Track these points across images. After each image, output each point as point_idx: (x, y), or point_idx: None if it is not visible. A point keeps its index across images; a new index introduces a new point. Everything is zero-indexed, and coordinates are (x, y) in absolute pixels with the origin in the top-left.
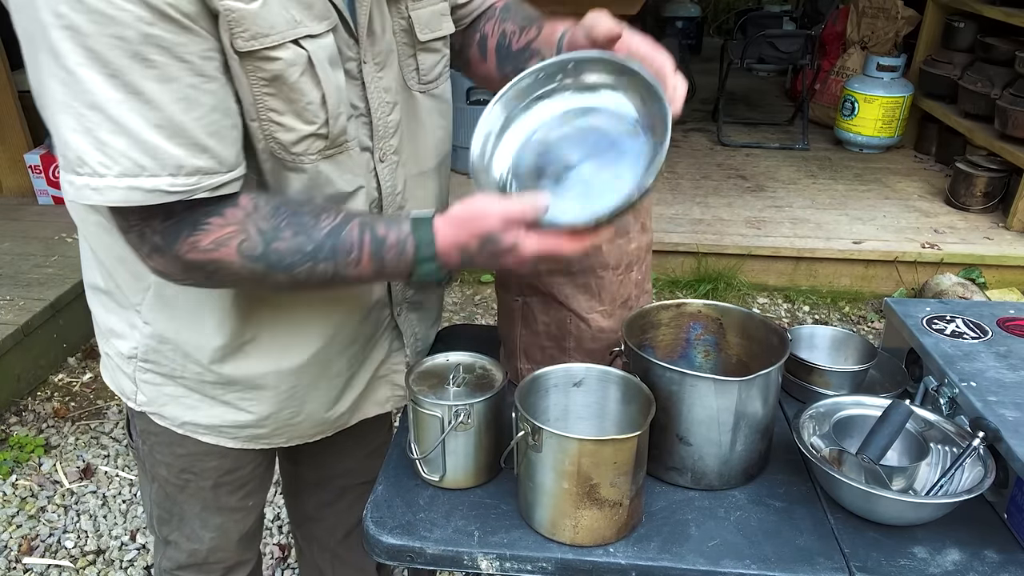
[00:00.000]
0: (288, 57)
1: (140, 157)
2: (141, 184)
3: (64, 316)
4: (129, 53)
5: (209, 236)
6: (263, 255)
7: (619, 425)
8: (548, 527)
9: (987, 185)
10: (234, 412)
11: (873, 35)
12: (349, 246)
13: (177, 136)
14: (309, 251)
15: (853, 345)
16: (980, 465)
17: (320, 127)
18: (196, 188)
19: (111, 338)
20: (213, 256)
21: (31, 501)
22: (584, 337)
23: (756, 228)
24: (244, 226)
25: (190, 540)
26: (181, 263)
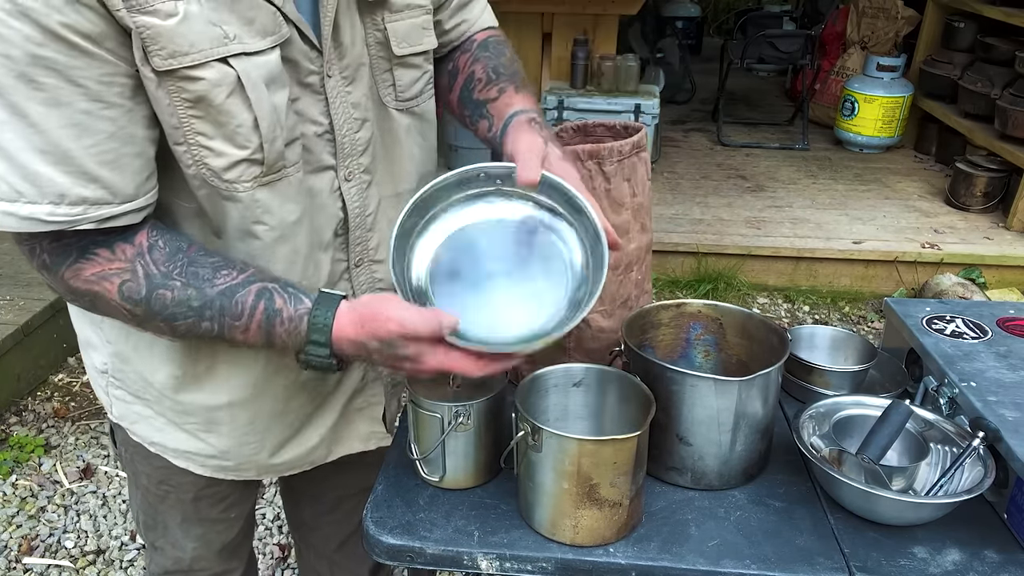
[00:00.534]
0: (212, 77)
1: (18, 182)
2: (16, 211)
3: (64, 316)
4: (14, 73)
5: (93, 268)
6: (144, 299)
7: (619, 425)
8: (548, 527)
9: (987, 185)
10: (197, 442)
11: (873, 35)
12: (240, 311)
13: (63, 163)
14: (195, 307)
15: (853, 345)
16: (980, 465)
17: (254, 152)
18: (79, 219)
19: (87, 349)
20: (93, 288)
21: (31, 501)
22: (584, 337)
23: (756, 228)
24: (132, 266)
25: (174, 547)
26: (64, 286)
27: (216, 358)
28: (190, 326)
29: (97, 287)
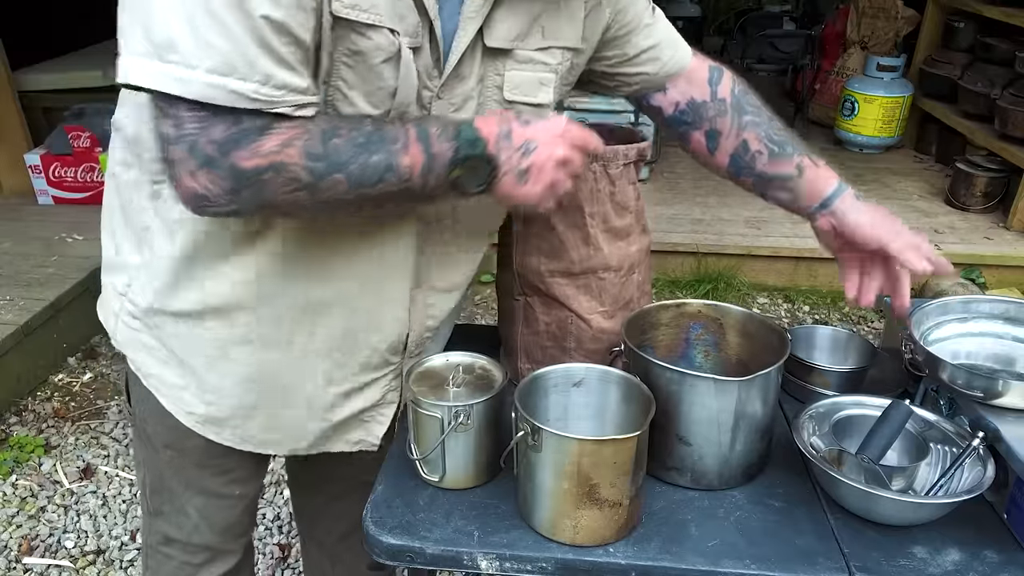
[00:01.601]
0: (379, 41)
1: (234, 58)
2: (227, 84)
3: (64, 316)
4: None
5: (275, 139)
6: (323, 153)
7: (619, 425)
8: (548, 527)
9: (987, 185)
10: (192, 378)
11: (873, 35)
12: (395, 135)
13: (270, 51)
14: (361, 143)
15: (853, 345)
16: (980, 465)
17: (381, 115)
18: (279, 100)
19: (111, 271)
20: (275, 159)
21: (31, 501)
22: (585, 337)
23: (756, 228)
24: (307, 127)
25: (179, 513)
26: (234, 175)
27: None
28: (362, 165)
29: (280, 156)
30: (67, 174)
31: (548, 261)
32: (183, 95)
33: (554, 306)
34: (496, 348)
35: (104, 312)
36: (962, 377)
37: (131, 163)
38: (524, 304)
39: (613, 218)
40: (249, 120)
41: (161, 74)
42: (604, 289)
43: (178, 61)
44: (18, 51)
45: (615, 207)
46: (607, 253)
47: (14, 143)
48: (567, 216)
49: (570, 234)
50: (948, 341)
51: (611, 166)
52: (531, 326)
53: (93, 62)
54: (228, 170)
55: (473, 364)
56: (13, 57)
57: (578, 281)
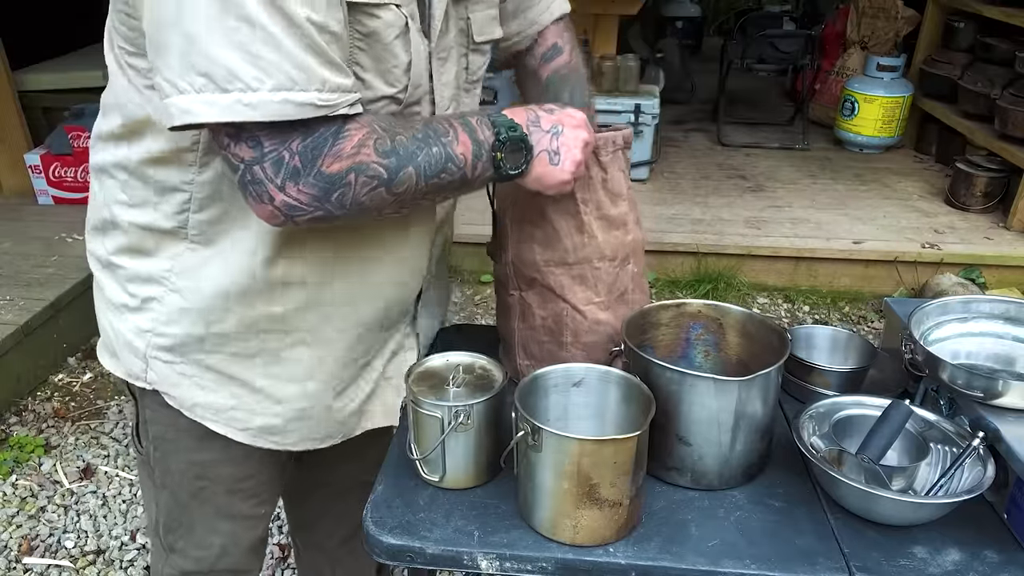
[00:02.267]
0: (388, 18)
1: (292, 70)
2: (294, 97)
3: (64, 316)
4: None
5: (350, 142)
6: (393, 149)
7: (619, 425)
8: (548, 527)
9: (987, 185)
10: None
11: (873, 35)
12: (445, 128)
13: (319, 55)
14: (420, 137)
15: (853, 345)
16: (980, 465)
17: (399, 92)
18: (339, 102)
19: (124, 313)
20: (356, 159)
21: (31, 501)
22: (581, 330)
23: (756, 228)
24: (372, 126)
25: (198, 547)
26: (321, 181)
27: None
28: (427, 157)
29: (359, 157)
30: (67, 174)
31: (543, 251)
32: (256, 119)
33: (550, 299)
34: (496, 348)
35: (122, 358)
36: (962, 377)
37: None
38: (519, 299)
39: (607, 206)
40: (322, 127)
41: (228, 105)
42: (599, 279)
43: (241, 88)
44: (18, 51)
45: (608, 195)
46: (601, 241)
47: (14, 143)
48: (560, 204)
49: (564, 222)
50: (948, 341)
51: (601, 153)
52: (527, 321)
53: (93, 62)
54: (315, 177)
55: (473, 364)
56: (13, 57)
57: (573, 271)
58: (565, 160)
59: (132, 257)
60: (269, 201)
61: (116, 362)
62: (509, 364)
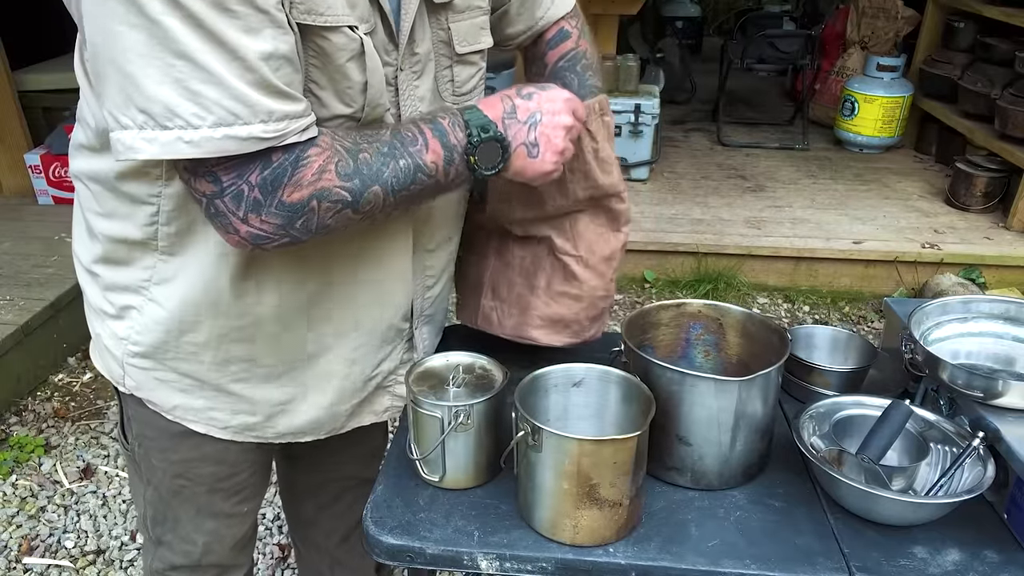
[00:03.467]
0: (339, 41)
1: (233, 105)
2: (236, 132)
3: (64, 316)
4: (213, 4)
5: (311, 168)
6: (356, 170)
7: (619, 425)
8: (548, 527)
9: (987, 185)
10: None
11: (873, 35)
12: (412, 136)
13: (262, 85)
14: (386, 151)
15: (853, 345)
16: (980, 465)
17: (356, 112)
18: (286, 132)
19: (104, 318)
20: (317, 186)
21: (31, 501)
22: (556, 278)
23: (756, 228)
24: (334, 148)
25: (184, 542)
26: (283, 211)
27: None
28: (393, 171)
29: (320, 183)
30: (67, 174)
31: (524, 210)
32: (198, 156)
33: (531, 242)
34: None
35: (105, 362)
36: (962, 377)
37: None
38: (499, 239)
39: (600, 177)
40: (278, 155)
41: (169, 143)
42: (579, 233)
43: (182, 125)
44: (18, 51)
45: (600, 164)
46: (583, 199)
47: (14, 143)
48: None
49: (548, 186)
50: (948, 341)
51: (590, 120)
52: (503, 258)
53: None
54: (277, 208)
55: (473, 364)
56: (13, 57)
57: (553, 222)
58: (545, 152)
59: (108, 267)
60: (235, 232)
61: (101, 363)
62: (469, 308)
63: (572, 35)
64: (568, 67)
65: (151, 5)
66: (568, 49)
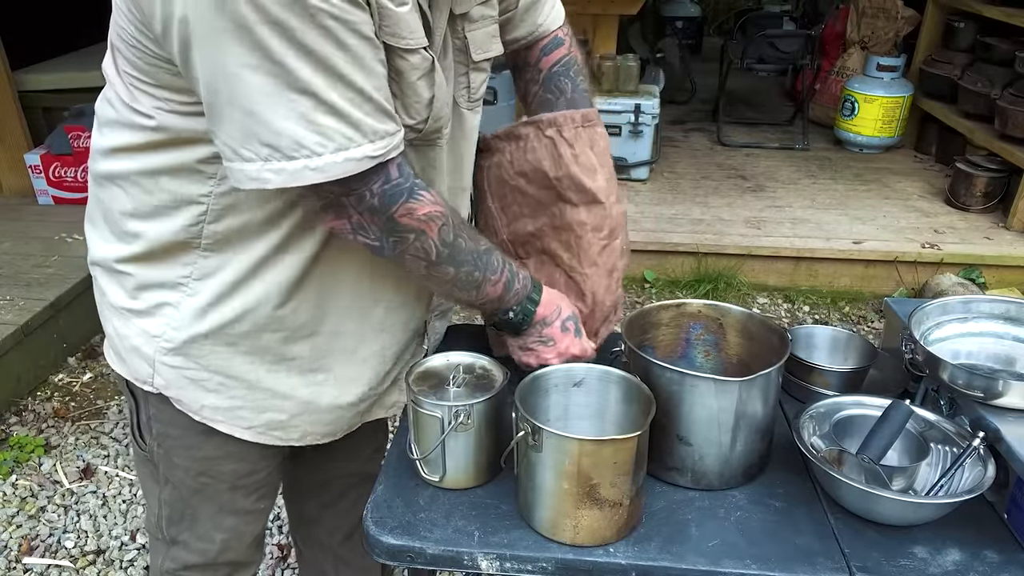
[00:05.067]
0: (415, 61)
1: (347, 130)
2: (353, 154)
3: (64, 316)
4: (332, 41)
5: (424, 208)
6: (451, 244)
7: (619, 425)
8: (548, 527)
9: (987, 185)
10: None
11: (873, 35)
12: (496, 267)
13: (368, 106)
14: (474, 257)
15: (853, 345)
16: (980, 465)
17: (419, 123)
18: (389, 149)
19: (132, 318)
20: (422, 226)
21: (31, 501)
22: (571, 294)
23: (756, 228)
24: (445, 211)
25: (201, 540)
26: (392, 225)
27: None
28: (468, 273)
29: (425, 226)
30: (67, 174)
31: (533, 220)
32: (323, 180)
33: (547, 263)
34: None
35: (128, 362)
36: (962, 377)
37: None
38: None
39: (585, 180)
40: (396, 175)
41: (296, 171)
42: (583, 248)
43: (307, 154)
44: (18, 51)
45: (583, 170)
46: (584, 212)
47: (14, 143)
48: (535, 182)
49: (544, 195)
50: (948, 341)
51: (565, 129)
52: None
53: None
54: (387, 219)
55: (473, 364)
56: (13, 57)
57: (561, 236)
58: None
59: (141, 266)
60: (346, 218)
61: (122, 364)
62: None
63: (565, 42)
64: (562, 72)
65: (273, 47)
66: (562, 55)
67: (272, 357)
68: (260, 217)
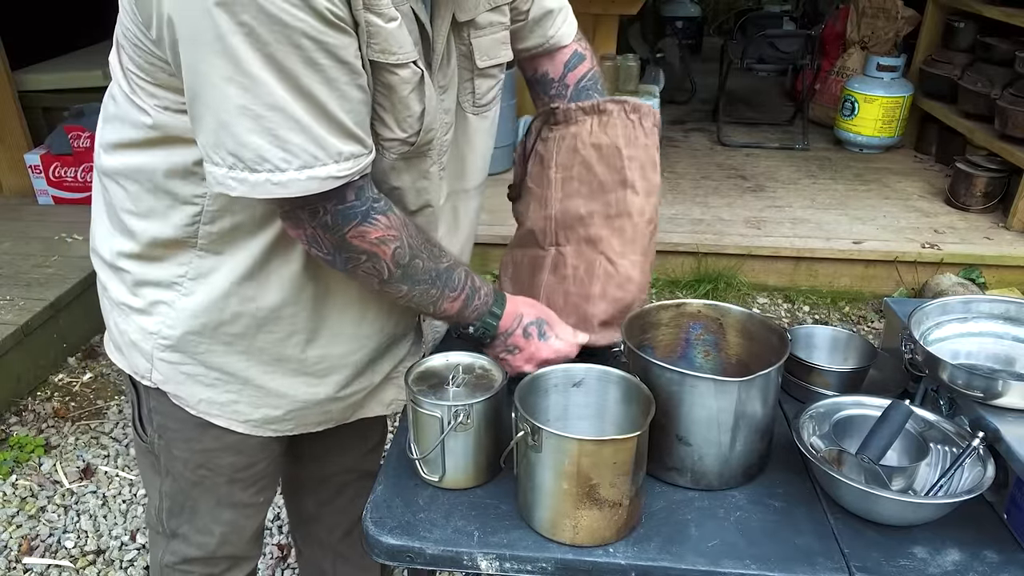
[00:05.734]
0: (405, 75)
1: (313, 149)
2: (317, 173)
3: (64, 316)
4: (304, 59)
5: (376, 232)
6: (407, 265)
7: (619, 425)
8: (548, 527)
9: (987, 185)
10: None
11: (873, 35)
12: (456, 284)
13: (336, 128)
14: (432, 276)
15: (853, 345)
16: (980, 465)
17: (411, 136)
18: (354, 171)
19: (130, 314)
20: (374, 249)
21: (31, 501)
22: (611, 283)
23: (756, 228)
24: (400, 235)
25: (200, 533)
26: (344, 245)
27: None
28: (423, 292)
29: (378, 249)
30: (67, 174)
31: (587, 202)
32: (285, 196)
33: (586, 251)
34: None
35: (128, 356)
36: (962, 377)
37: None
38: (556, 253)
39: (650, 173)
40: (352, 197)
41: (258, 183)
42: (636, 236)
43: (270, 168)
44: (18, 51)
45: (650, 162)
46: (642, 199)
47: (14, 143)
48: (605, 158)
49: (610, 176)
50: (948, 341)
51: (645, 119)
52: (558, 272)
53: (93, 62)
54: (339, 240)
55: (473, 364)
56: (13, 57)
57: (614, 223)
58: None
59: (139, 263)
60: (300, 229)
61: (122, 358)
62: None
63: (587, 57)
64: (590, 86)
65: (246, 59)
66: (587, 70)
67: (267, 357)
68: (254, 219)
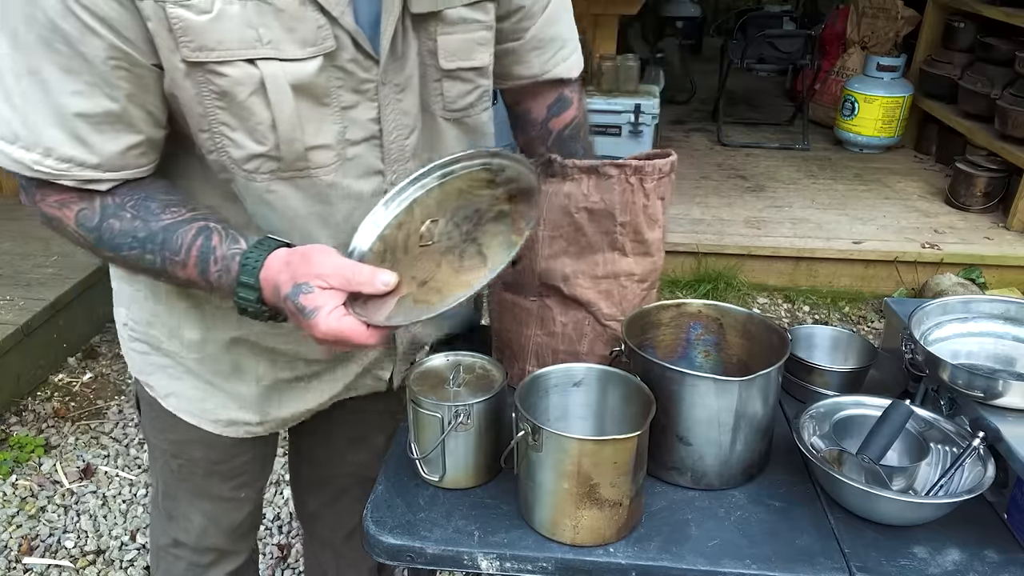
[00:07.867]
0: (235, 75)
1: (19, 127)
2: (10, 152)
3: (64, 316)
4: (36, 35)
5: (57, 195)
6: (95, 227)
7: (619, 425)
8: (548, 527)
9: (987, 185)
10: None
11: (873, 35)
12: (178, 246)
13: (61, 123)
14: (139, 238)
15: (853, 345)
16: (980, 465)
17: (270, 150)
18: (62, 175)
19: (115, 305)
20: (55, 213)
21: (31, 501)
22: (600, 341)
23: (756, 228)
24: (93, 199)
25: (184, 519)
26: (38, 211)
27: None
28: (136, 257)
29: (58, 212)
30: None
31: (574, 263)
32: None
33: (572, 307)
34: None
35: (122, 344)
36: (962, 377)
37: None
38: (541, 305)
39: (644, 230)
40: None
41: None
42: (624, 297)
43: None
44: None
45: (647, 220)
46: (632, 262)
47: None
48: (597, 222)
49: (599, 238)
50: (948, 341)
51: (647, 180)
52: (546, 327)
53: None
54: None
55: (473, 364)
56: None
57: (600, 285)
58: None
59: None
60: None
61: (123, 348)
62: (515, 370)
63: (573, 103)
64: (573, 135)
65: None
66: (571, 118)
67: (226, 367)
68: None
